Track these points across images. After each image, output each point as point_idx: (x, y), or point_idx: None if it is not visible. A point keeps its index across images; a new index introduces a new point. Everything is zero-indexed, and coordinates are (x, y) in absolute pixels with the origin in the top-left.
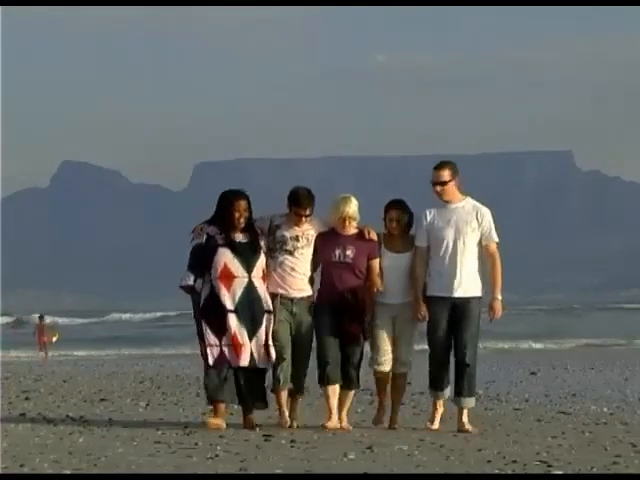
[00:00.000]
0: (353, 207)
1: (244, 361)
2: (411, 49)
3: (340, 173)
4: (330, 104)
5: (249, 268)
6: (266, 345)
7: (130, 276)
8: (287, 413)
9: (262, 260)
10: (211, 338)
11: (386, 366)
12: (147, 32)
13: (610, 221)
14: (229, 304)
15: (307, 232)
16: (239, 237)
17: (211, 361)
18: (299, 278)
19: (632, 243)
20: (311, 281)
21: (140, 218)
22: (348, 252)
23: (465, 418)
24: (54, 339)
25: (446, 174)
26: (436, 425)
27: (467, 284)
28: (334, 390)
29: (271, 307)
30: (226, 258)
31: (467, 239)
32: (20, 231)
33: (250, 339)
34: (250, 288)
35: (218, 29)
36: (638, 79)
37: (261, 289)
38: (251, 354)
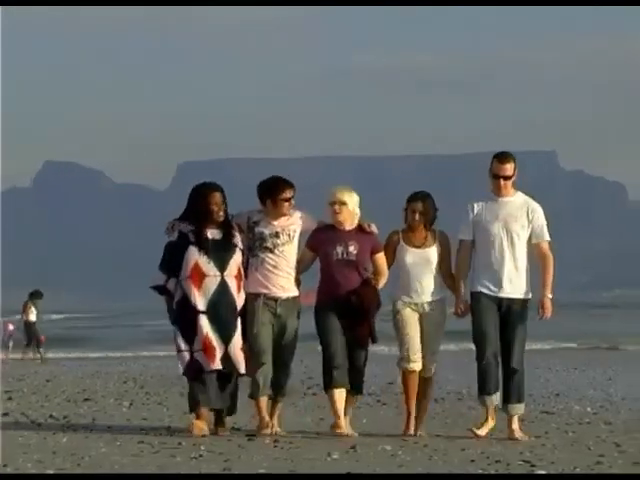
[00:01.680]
0: (347, 195)
1: (217, 364)
2: (411, 49)
3: (332, 173)
4: (328, 104)
5: (222, 266)
6: (244, 350)
7: (114, 275)
8: (267, 419)
9: (237, 258)
10: (182, 344)
11: (418, 364)
12: (147, 32)
13: (594, 221)
14: (200, 305)
15: (288, 228)
16: (213, 233)
17: (181, 369)
18: (282, 276)
19: (616, 243)
20: (298, 283)
21: (124, 218)
22: (351, 248)
23: (515, 425)
24: None
25: (510, 168)
26: (483, 432)
27: (516, 284)
28: (341, 394)
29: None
30: (197, 256)
31: (515, 236)
32: (2, 231)
33: (227, 342)
34: (223, 287)
35: (218, 29)
36: (624, 80)
37: (235, 289)
38: (229, 358)
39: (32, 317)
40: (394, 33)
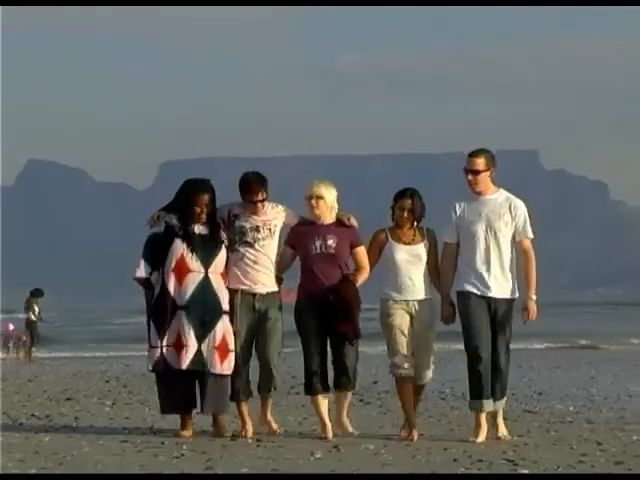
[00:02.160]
0: (324, 189)
1: (184, 365)
2: (396, 49)
3: (307, 172)
4: (323, 104)
5: (206, 262)
6: (223, 349)
7: (97, 274)
8: (249, 423)
9: (222, 255)
10: (155, 340)
11: (411, 369)
12: (147, 32)
13: (575, 220)
14: (179, 300)
15: (269, 222)
16: (200, 228)
17: (150, 365)
18: (263, 272)
19: (598, 242)
20: (279, 281)
21: (107, 217)
22: (330, 242)
23: (500, 419)
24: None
25: (481, 163)
26: (481, 439)
27: (502, 283)
28: (323, 399)
29: (228, 307)
30: (182, 250)
31: (499, 234)
32: None
33: (200, 341)
34: (205, 284)
35: (218, 29)
36: (606, 80)
37: (218, 286)
38: (201, 357)
39: (34, 316)
40: (393, 33)
